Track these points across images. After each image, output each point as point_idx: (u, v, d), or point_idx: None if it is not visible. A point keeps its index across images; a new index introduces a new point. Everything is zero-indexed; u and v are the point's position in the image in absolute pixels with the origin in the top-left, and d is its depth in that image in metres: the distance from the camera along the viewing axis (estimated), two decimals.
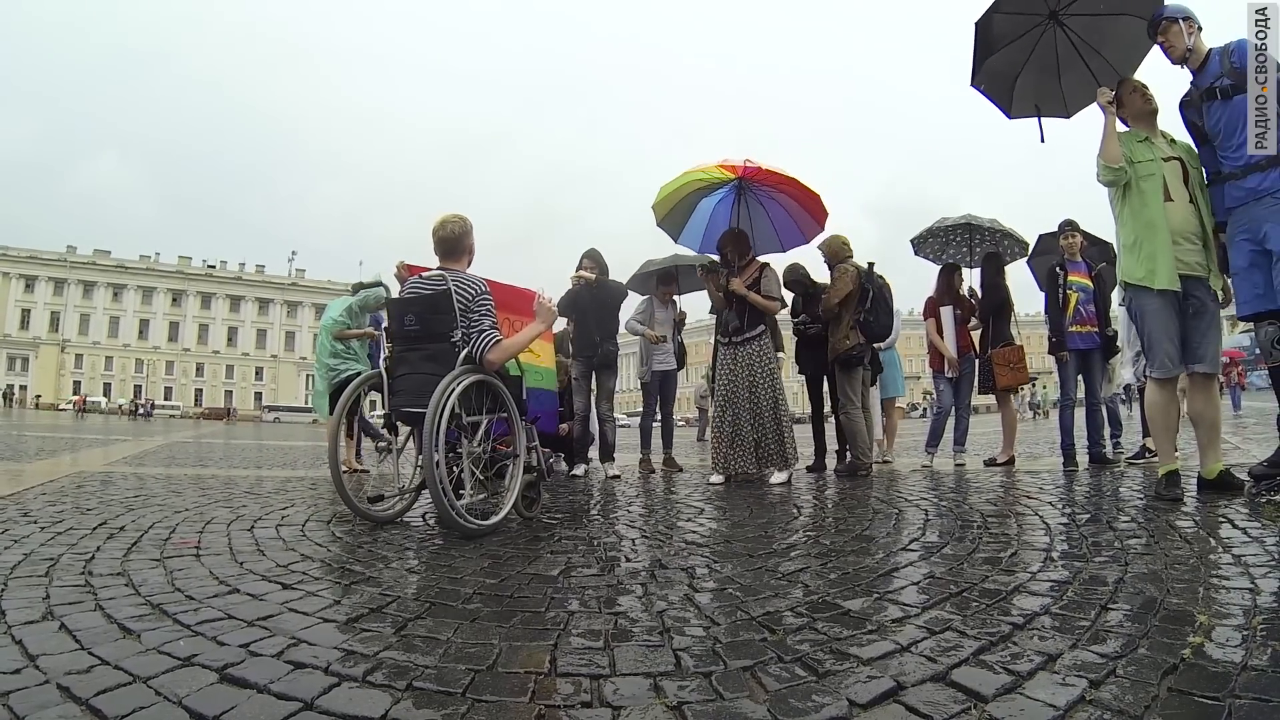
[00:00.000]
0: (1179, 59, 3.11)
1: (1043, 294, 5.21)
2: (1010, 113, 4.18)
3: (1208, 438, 3.16)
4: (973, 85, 4.07)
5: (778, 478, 4.53)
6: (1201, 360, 3.07)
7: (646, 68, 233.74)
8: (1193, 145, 3.23)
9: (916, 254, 6.22)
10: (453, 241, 3.14)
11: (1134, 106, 3.31)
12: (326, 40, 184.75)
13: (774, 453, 4.65)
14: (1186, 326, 3.07)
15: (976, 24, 3.88)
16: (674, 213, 5.31)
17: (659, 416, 6.07)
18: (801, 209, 5.26)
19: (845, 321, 5.03)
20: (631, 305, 5.96)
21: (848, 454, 5.21)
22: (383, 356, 5.55)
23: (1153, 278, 3.03)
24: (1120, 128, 3.29)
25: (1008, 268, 5.81)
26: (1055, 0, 3.75)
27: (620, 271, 6.13)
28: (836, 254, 5.26)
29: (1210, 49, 3.06)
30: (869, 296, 5.00)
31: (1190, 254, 3.05)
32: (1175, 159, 3.16)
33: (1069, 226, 5.11)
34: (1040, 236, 6.42)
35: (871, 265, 5.18)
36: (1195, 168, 3.16)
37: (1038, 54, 3.92)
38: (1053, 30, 3.83)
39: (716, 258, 5.12)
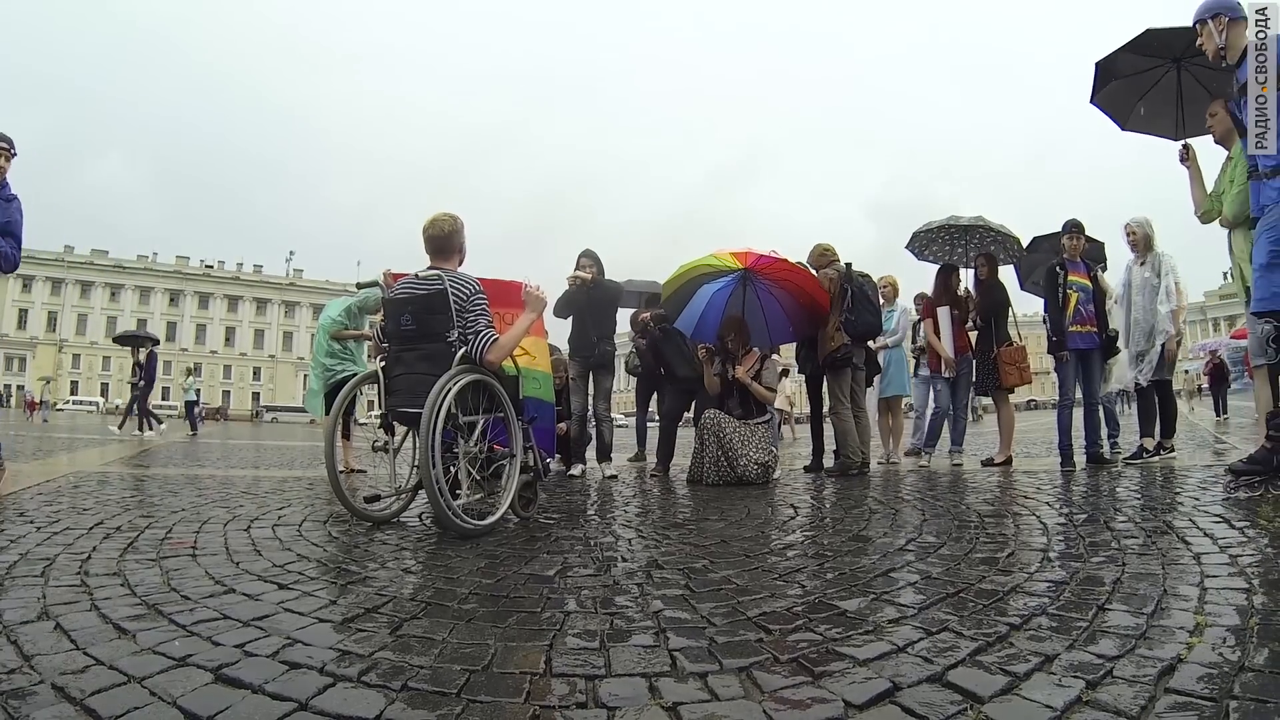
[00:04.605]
0: (1215, 57, 3.17)
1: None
2: (1125, 126, 4.77)
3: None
4: (1092, 102, 4.74)
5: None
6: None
7: (649, 70, 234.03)
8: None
9: (906, 247, 6.25)
10: (442, 239, 3.12)
11: (1219, 128, 3.55)
12: (331, 40, 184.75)
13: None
14: None
15: (1098, 64, 4.55)
16: (678, 294, 5.48)
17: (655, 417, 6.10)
18: (799, 307, 5.26)
19: (830, 324, 5.08)
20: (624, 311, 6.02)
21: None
22: (365, 355, 5.61)
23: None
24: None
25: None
26: (1180, 50, 4.25)
27: (618, 273, 6.15)
28: (817, 263, 5.37)
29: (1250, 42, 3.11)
30: (848, 295, 5.04)
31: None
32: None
33: (1073, 228, 5.09)
34: (1033, 239, 6.43)
35: (849, 265, 5.24)
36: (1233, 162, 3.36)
37: (1161, 87, 4.49)
38: (1175, 71, 4.34)
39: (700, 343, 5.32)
